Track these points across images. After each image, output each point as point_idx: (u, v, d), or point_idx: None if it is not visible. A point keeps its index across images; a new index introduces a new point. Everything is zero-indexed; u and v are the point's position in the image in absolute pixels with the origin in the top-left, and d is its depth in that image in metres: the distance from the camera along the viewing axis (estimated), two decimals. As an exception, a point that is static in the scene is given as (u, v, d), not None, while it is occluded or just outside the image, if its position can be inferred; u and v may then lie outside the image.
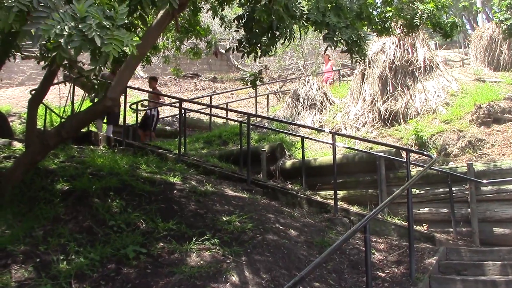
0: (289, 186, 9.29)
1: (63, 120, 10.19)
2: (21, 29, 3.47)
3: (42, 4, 3.40)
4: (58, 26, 3.24)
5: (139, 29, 9.04)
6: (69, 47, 3.31)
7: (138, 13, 5.82)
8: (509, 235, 7.42)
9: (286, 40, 5.65)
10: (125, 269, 4.72)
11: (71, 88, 10.87)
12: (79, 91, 10.98)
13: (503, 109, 11.27)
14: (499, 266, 5.71)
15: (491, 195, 7.70)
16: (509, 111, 11.26)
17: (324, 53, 15.07)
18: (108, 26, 3.37)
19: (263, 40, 5.78)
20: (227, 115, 15.60)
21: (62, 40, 3.25)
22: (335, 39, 5.66)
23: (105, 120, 11.34)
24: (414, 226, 7.49)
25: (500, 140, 10.05)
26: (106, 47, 3.34)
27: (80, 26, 3.30)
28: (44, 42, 3.45)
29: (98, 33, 3.28)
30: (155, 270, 4.74)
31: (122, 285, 4.48)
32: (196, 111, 14.06)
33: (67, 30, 3.25)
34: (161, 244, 5.24)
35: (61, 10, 3.39)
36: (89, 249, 4.93)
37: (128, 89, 11.09)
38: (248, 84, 7.76)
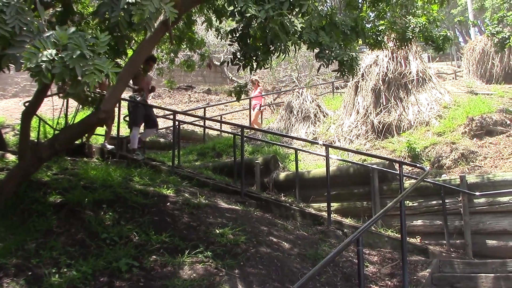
0: (283, 198, 9.29)
1: (56, 132, 10.16)
2: (4, 52, 3.49)
3: (25, 29, 3.42)
4: (40, 54, 3.27)
5: (133, 41, 9.09)
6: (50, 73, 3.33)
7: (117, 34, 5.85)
8: (502, 247, 7.44)
9: (281, 54, 5.68)
10: (118, 282, 4.70)
11: (65, 100, 10.86)
12: (72, 103, 10.96)
13: (495, 121, 11.34)
14: (491, 279, 5.72)
15: (484, 207, 7.72)
16: (501, 124, 11.33)
17: (317, 72, 14.81)
18: (88, 57, 3.39)
19: (258, 54, 5.82)
20: (221, 127, 15.59)
21: (43, 66, 3.27)
22: (327, 57, 5.71)
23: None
24: (408, 238, 7.51)
25: (492, 152, 10.11)
26: (86, 77, 3.36)
27: (61, 54, 3.32)
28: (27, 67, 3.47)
29: (79, 63, 3.31)
30: (148, 283, 4.72)
31: (115, 299, 4.47)
32: (190, 123, 14.06)
33: (48, 57, 3.27)
34: (154, 257, 5.23)
35: (44, 35, 3.41)
36: (81, 262, 4.91)
37: (122, 101, 11.10)
38: (233, 95, 7.83)
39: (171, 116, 11.19)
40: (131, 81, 9.51)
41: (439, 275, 6.16)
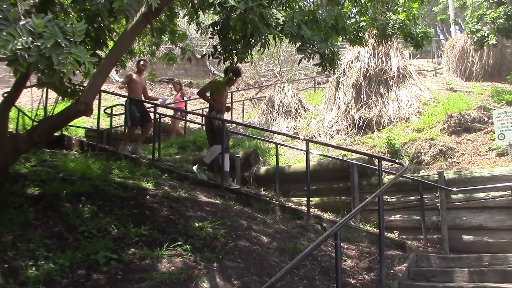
0: (263, 192, 9.32)
1: (35, 123, 10.05)
2: None
3: (1, 17, 3.37)
4: (15, 41, 3.22)
5: (115, 33, 9.01)
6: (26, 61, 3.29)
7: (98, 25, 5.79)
8: (477, 242, 7.55)
9: (262, 48, 5.68)
10: (95, 275, 4.67)
11: (44, 91, 10.74)
12: (52, 95, 10.85)
13: (473, 118, 11.49)
14: (466, 273, 5.81)
15: (460, 203, 7.82)
16: (479, 121, 11.48)
17: (298, 64, 13.48)
18: (64, 45, 3.35)
19: (238, 47, 5.81)
20: (202, 121, 15.54)
21: (19, 54, 3.23)
22: (309, 51, 5.72)
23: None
24: (386, 233, 7.60)
25: (470, 149, 10.24)
26: (62, 66, 3.32)
27: (37, 43, 3.28)
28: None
29: (55, 51, 3.27)
30: (126, 276, 4.71)
31: (92, 291, 4.44)
32: (171, 116, 14.00)
33: (24, 45, 3.23)
34: (133, 250, 5.21)
35: (21, 23, 3.37)
36: (58, 255, 4.87)
37: (103, 93, 11.02)
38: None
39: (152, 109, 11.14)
40: (208, 93, 9.08)
41: (416, 269, 6.24)
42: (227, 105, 9.46)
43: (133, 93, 10.41)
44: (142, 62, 10.76)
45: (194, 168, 8.98)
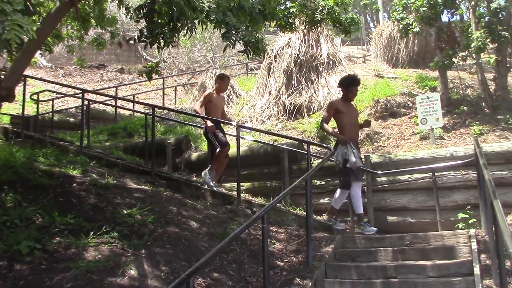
0: (195, 178, 9.29)
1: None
2: None
3: None
4: None
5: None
6: None
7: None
8: (400, 223, 7.86)
9: (188, 32, 5.64)
10: (18, 265, 4.52)
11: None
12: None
13: (398, 103, 11.92)
14: (390, 252, 6.04)
15: (385, 186, 8.09)
16: (404, 106, 11.92)
17: (224, 52, 12.32)
18: (8, 11, 3.20)
19: (165, 31, 5.73)
20: (133, 107, 15.29)
21: None
22: (233, 38, 5.73)
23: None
24: (315, 216, 7.77)
25: (395, 133, 10.62)
26: (7, 34, 3.18)
27: None
28: None
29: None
30: (50, 266, 4.58)
31: (14, 282, 4.29)
32: (101, 103, 13.70)
33: None
34: (58, 238, 5.07)
35: None
36: (-22, 246, 4.69)
37: (29, 79, 10.62)
38: (143, 76, 7.59)
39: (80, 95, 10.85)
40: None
41: (342, 250, 6.43)
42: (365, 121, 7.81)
43: (211, 116, 8.53)
44: (225, 80, 8.81)
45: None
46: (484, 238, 6.01)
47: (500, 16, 12.23)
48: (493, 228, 4.47)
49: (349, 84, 7.36)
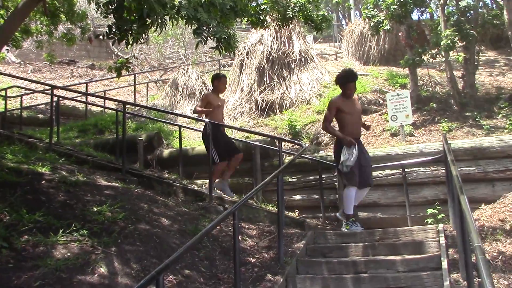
0: (166, 175, 9.21)
1: None
2: None
3: None
4: None
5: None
6: None
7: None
8: (372, 218, 7.95)
9: (159, 29, 5.58)
10: (-16, 265, 4.44)
11: None
12: None
13: (370, 100, 12.04)
14: (360, 248, 6.09)
15: (356, 182, 8.16)
16: (375, 103, 12.04)
17: (196, 48, 10.88)
18: None
19: (134, 27, 5.67)
20: (104, 104, 15.09)
21: None
22: (205, 34, 5.69)
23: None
24: (287, 212, 7.80)
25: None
26: None
27: None
28: None
29: None
30: (18, 264, 4.50)
31: (-20, 282, 4.22)
32: (71, 99, 13.45)
33: None
34: (26, 237, 4.98)
35: None
36: None
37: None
38: (113, 72, 7.48)
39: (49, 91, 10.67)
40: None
41: (313, 246, 6.45)
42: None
43: (212, 119, 8.14)
44: (221, 79, 8.50)
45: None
46: (452, 233, 6.10)
47: (468, 15, 12.47)
48: (460, 223, 4.55)
49: (345, 81, 7.04)
